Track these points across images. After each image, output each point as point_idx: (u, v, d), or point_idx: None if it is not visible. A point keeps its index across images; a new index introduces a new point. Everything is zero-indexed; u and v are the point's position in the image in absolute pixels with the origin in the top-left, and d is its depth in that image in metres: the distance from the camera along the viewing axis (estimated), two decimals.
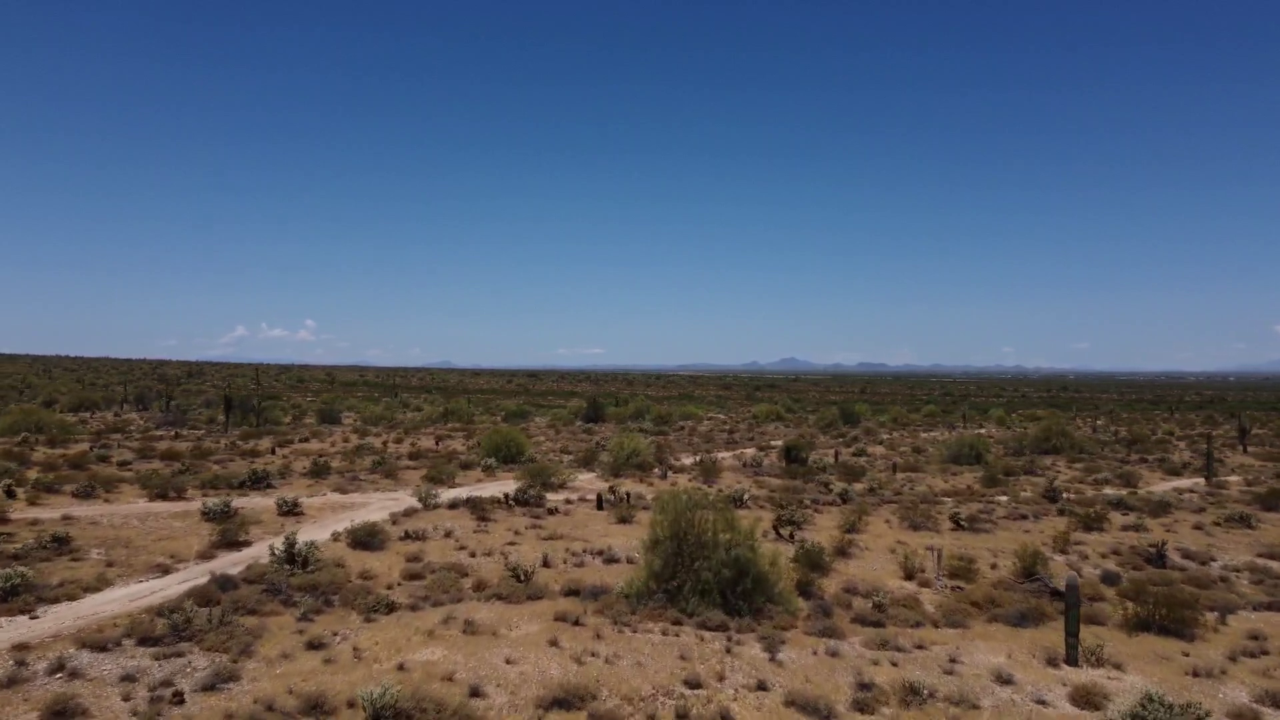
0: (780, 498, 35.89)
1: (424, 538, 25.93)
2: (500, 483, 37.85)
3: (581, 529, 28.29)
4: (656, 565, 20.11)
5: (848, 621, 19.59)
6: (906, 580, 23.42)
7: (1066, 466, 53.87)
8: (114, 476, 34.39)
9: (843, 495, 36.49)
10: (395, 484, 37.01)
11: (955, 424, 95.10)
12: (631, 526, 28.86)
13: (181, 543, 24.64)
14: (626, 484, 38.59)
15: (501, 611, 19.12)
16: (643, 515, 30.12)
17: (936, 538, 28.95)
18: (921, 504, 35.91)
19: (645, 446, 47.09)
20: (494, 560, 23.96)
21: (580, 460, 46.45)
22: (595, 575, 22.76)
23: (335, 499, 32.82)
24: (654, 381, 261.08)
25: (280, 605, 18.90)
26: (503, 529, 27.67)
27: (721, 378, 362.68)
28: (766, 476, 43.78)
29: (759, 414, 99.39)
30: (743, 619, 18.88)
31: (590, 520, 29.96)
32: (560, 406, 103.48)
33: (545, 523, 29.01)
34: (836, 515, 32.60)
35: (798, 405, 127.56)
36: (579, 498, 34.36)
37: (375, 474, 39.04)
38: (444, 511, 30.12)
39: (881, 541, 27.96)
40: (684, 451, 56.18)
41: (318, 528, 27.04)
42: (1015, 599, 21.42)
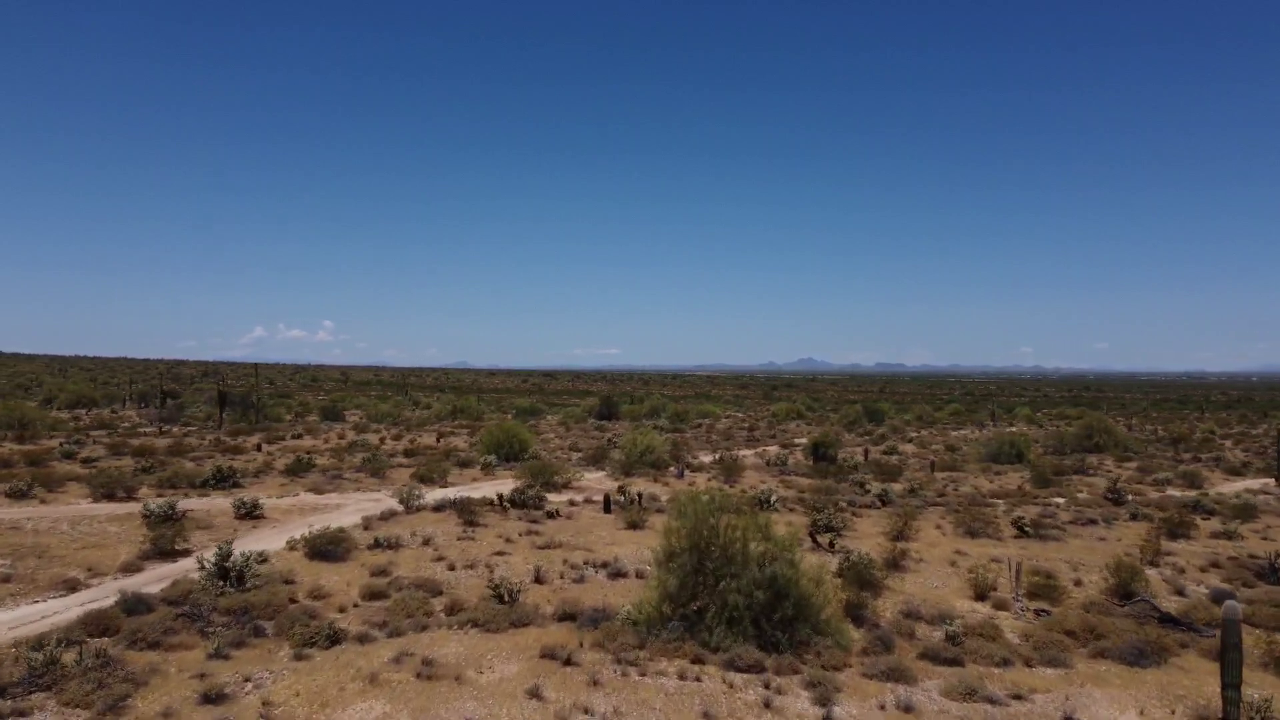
0: (812, 500, 31.46)
1: (398, 546, 21.72)
2: (499, 482, 33.64)
3: (584, 536, 24.01)
4: (672, 585, 15.78)
5: (914, 658, 15.21)
6: (977, 601, 18.97)
7: (1116, 466, 49.08)
8: (65, 474, 30.47)
9: (881, 497, 32.03)
10: (381, 483, 32.87)
11: (984, 422, 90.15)
12: (643, 533, 24.56)
13: (107, 552, 20.54)
14: (639, 484, 34.30)
15: (474, 644, 14.86)
16: (656, 520, 25.83)
17: (999, 547, 24.46)
18: (971, 506, 31.44)
19: (660, 443, 42.77)
20: (476, 574, 19.72)
21: (589, 458, 42.19)
22: (597, 594, 18.49)
23: (308, 500, 28.70)
24: (670, 381, 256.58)
25: (197, 635, 14.76)
26: (492, 536, 23.42)
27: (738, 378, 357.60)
28: (793, 476, 39.34)
29: (778, 412, 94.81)
30: (782, 656, 14.54)
31: (595, 525, 25.67)
32: (574, 405, 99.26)
33: (543, 528, 24.75)
34: (878, 520, 28.16)
35: (817, 404, 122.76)
36: (584, 499, 30.09)
37: (361, 472, 34.93)
38: (427, 515, 25.92)
39: (937, 552, 23.49)
40: (702, 449, 51.80)
41: (276, 534, 22.90)
42: (1121, 627, 16.93)
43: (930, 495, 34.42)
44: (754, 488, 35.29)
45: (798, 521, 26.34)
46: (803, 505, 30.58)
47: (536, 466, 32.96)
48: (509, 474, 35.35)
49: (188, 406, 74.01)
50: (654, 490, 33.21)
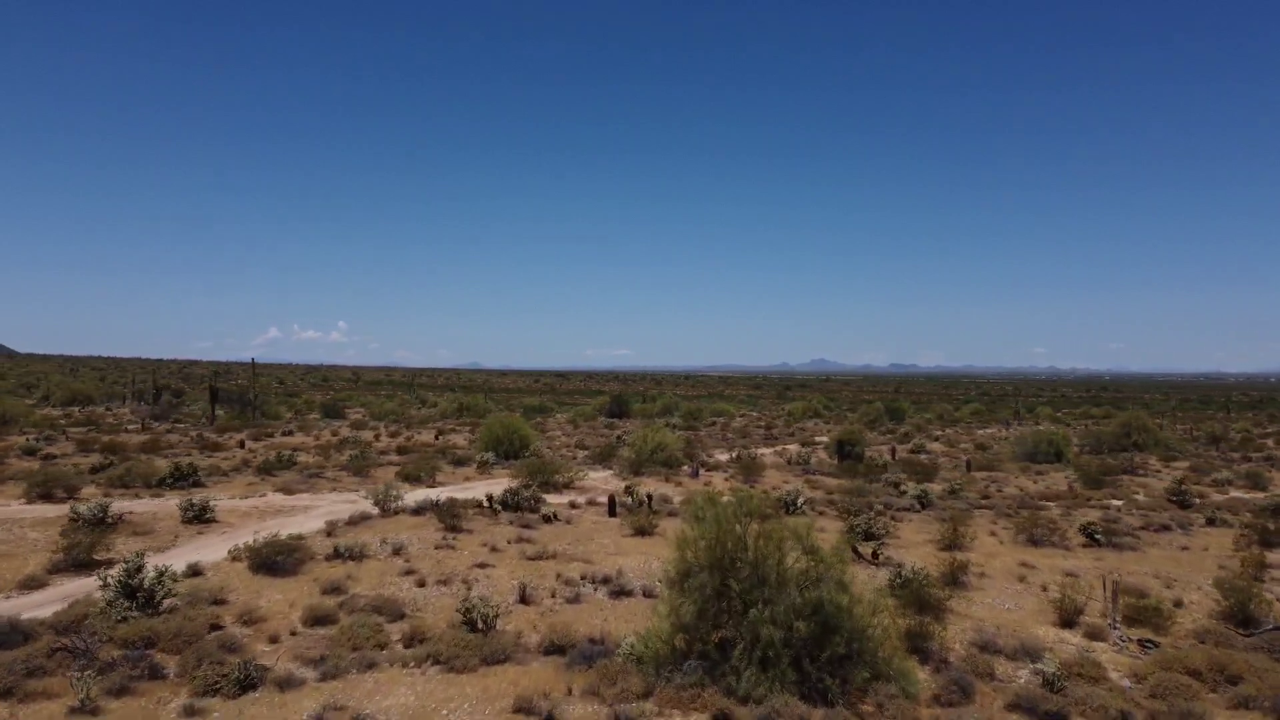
0: (844, 502, 27.75)
1: (361, 557, 18.18)
2: (495, 482, 30.10)
3: (584, 544, 20.41)
4: (688, 612, 12.16)
5: (1002, 708, 11.58)
6: (1063, 628, 15.26)
7: (1163, 465, 45.07)
8: (11, 472, 27.07)
9: (921, 499, 28.28)
10: (363, 482, 29.39)
11: (1008, 421, 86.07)
12: (652, 541, 20.96)
13: (13, 563, 17.12)
14: (649, 484, 30.69)
15: (431, 690, 11.31)
16: (668, 525, 22.24)
17: (1070, 557, 20.71)
18: (1020, 509, 27.69)
19: (673, 440, 39.13)
20: (450, 592, 16.16)
21: (596, 456, 38.60)
22: (595, 618, 14.91)
23: (275, 501, 25.24)
24: (683, 381, 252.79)
25: (76, 675, 11.24)
26: (476, 544, 19.84)
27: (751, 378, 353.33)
28: (819, 475, 35.62)
29: (795, 411, 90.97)
30: (833, 709, 10.92)
31: (598, 531, 22.07)
32: (584, 405, 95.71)
33: (537, 534, 21.18)
34: (922, 525, 24.47)
35: (833, 404, 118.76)
36: (587, 501, 26.51)
37: (344, 471, 31.46)
38: (404, 519, 22.38)
39: (998, 564, 19.76)
40: (717, 447, 48.10)
41: (224, 541, 19.40)
42: (1258, 665, 13.20)
43: (973, 497, 30.65)
44: (777, 488, 31.62)
45: (830, 528, 22.68)
46: (834, 508, 26.91)
47: (534, 464, 29.39)
48: (507, 473, 31.78)
49: (187, 404, 70.94)
50: (666, 490, 29.60)
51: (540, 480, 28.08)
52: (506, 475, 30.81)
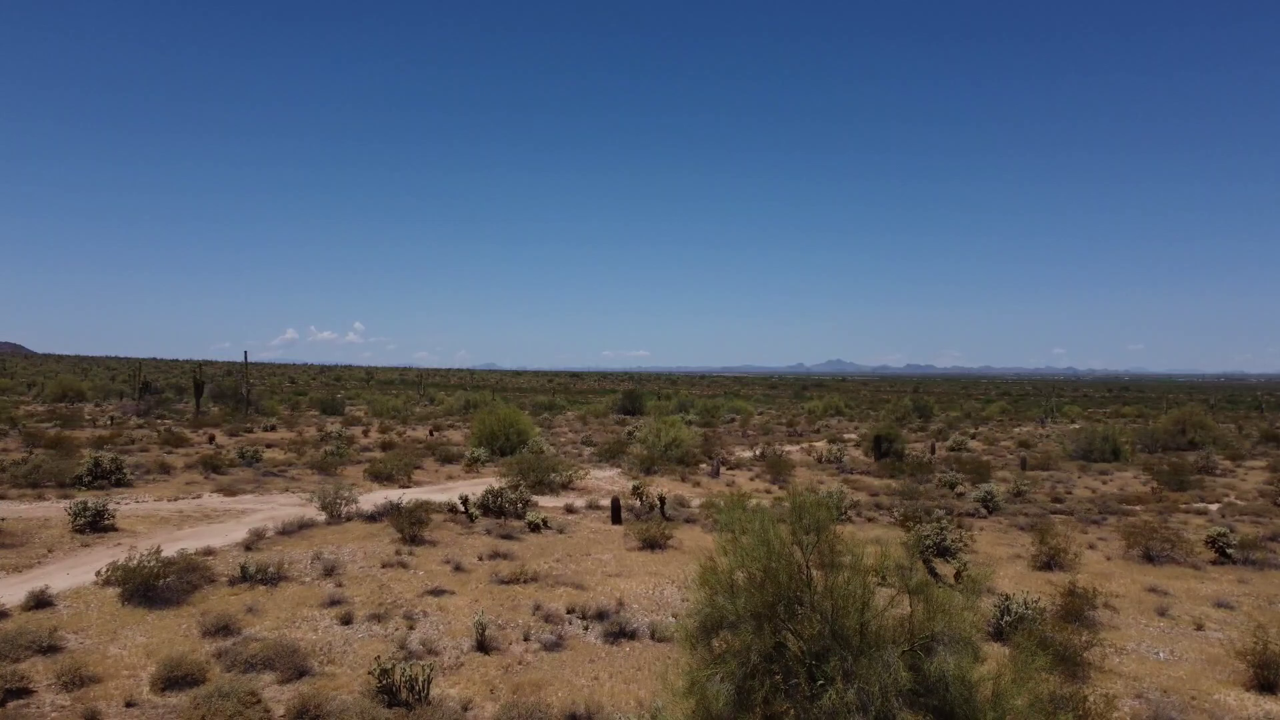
0: (896, 506, 22.93)
1: (279, 579, 13.54)
2: (482, 481, 25.45)
3: (577, 561, 15.71)
4: (722, 696, 7.37)
5: None
6: (1262, 692, 10.38)
7: (1235, 466, 39.87)
8: None
9: (986, 502, 23.41)
10: (327, 481, 24.77)
11: (1042, 418, 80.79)
12: (664, 556, 16.26)
13: None
14: (662, 484, 26.00)
15: None
16: (685, 535, 17.57)
17: (1206, 580, 15.80)
18: (1103, 513, 22.82)
19: (689, 436, 34.39)
20: (384, 633, 11.50)
21: (603, 453, 33.86)
22: (580, 675, 10.22)
23: (208, 504, 20.68)
24: (698, 381, 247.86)
25: None
26: (436, 561, 15.17)
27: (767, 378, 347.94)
28: (857, 475, 30.76)
29: (815, 408, 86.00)
30: None
31: (596, 543, 17.37)
32: (596, 402, 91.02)
33: (519, 547, 16.51)
34: (1000, 536, 19.63)
35: (854, 402, 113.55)
36: (587, 504, 21.81)
37: (311, 468, 26.87)
38: (355, 527, 17.75)
39: (1119, 588, 14.89)
40: (738, 445, 43.28)
41: (111, 556, 14.76)
42: None
43: (1043, 500, 25.74)
44: (812, 489, 26.79)
45: (888, 537, 17.84)
46: (885, 513, 22.12)
47: (526, 460, 24.67)
48: (499, 471, 27.11)
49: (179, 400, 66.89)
50: (681, 491, 24.87)
51: (533, 480, 23.43)
52: (497, 474, 26.13)
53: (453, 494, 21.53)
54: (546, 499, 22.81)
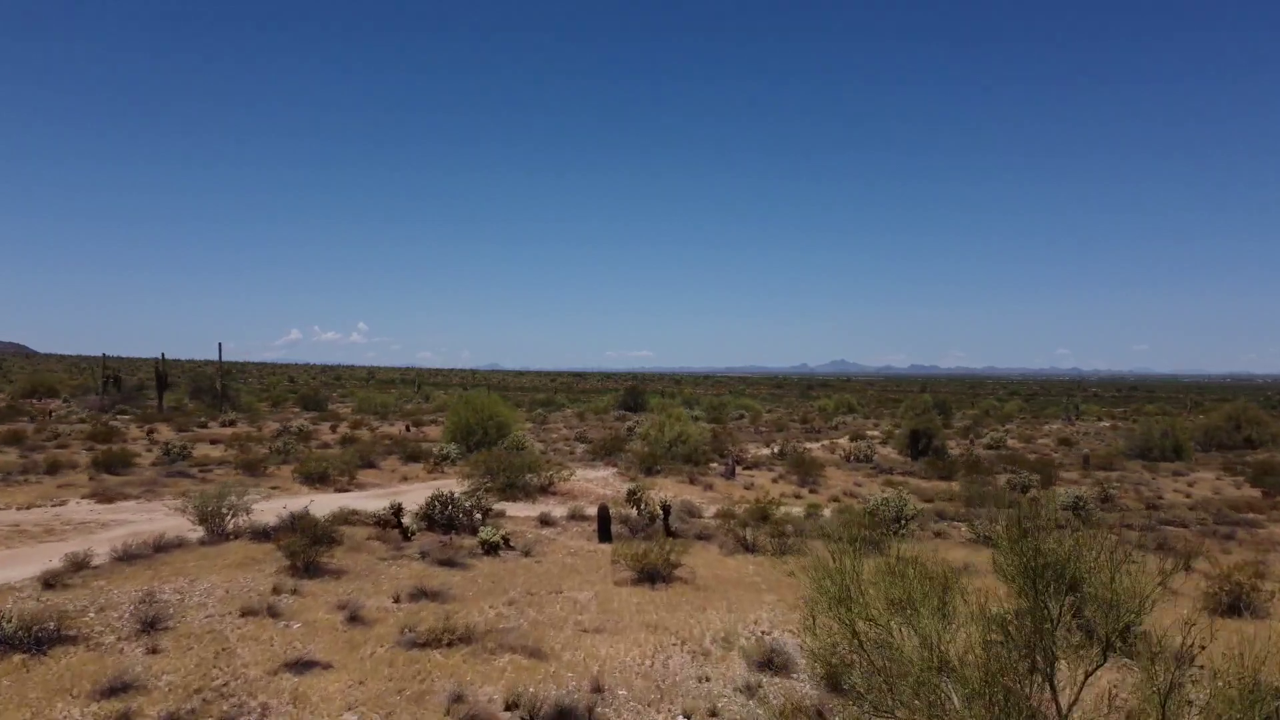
0: (966, 515, 17.72)
1: (57, 640, 8.34)
2: (447, 482, 20.27)
3: (539, 604, 10.51)
4: None
5: None
6: None
7: None
8: None
9: (1077, 509, 18.18)
10: (256, 482, 19.64)
11: (1069, 417, 75.46)
12: (667, 595, 11.06)
13: None
14: (666, 486, 20.85)
15: None
16: (696, 560, 12.41)
17: None
18: (1219, 523, 17.60)
19: (697, 432, 29.16)
20: None
21: (598, 449, 28.62)
22: None
23: (72, 513, 15.57)
24: (702, 381, 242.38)
25: None
26: (327, 605, 9.98)
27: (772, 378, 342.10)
28: (897, 475, 25.53)
29: (827, 406, 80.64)
30: None
31: (572, 572, 12.18)
32: (597, 401, 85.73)
33: (462, 580, 11.34)
34: None
35: (865, 401, 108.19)
36: (569, 513, 16.61)
37: (237, 469, 21.67)
38: (235, 549, 12.57)
39: None
40: (751, 442, 38.06)
41: None
42: None
43: (1138, 508, 20.51)
44: (851, 493, 21.61)
45: (979, 561, 12.65)
46: (951, 524, 16.93)
47: (497, 458, 19.40)
48: (464, 470, 21.87)
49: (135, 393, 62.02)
50: (689, 495, 19.72)
51: (503, 481, 18.27)
52: (460, 474, 20.87)
53: (405, 498, 16.35)
54: (519, 506, 17.64)
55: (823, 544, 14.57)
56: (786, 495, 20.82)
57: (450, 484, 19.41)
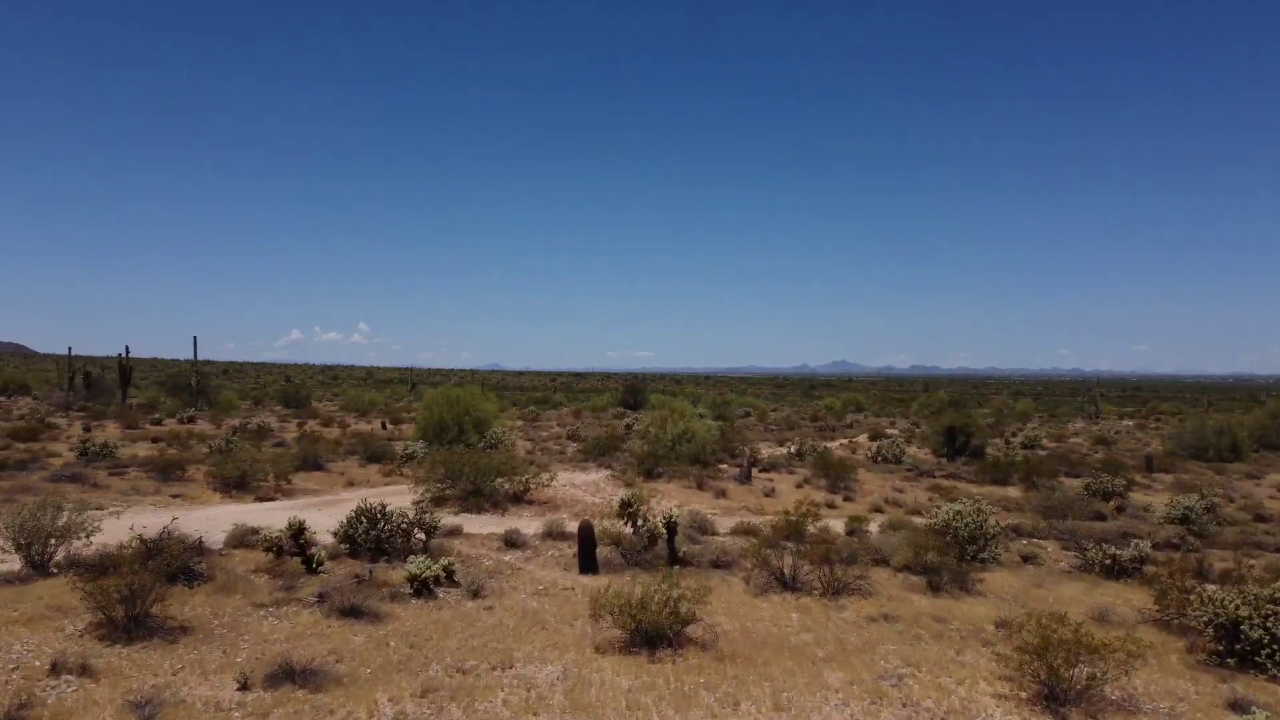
0: (1043, 530, 13.77)
1: None
2: (398, 488, 16.30)
3: (469, 700, 6.48)
4: None
5: None
6: None
7: None
8: None
9: (1190, 522, 14.25)
10: (160, 488, 15.70)
11: (1091, 415, 71.46)
12: (676, 674, 7.03)
13: None
14: (669, 491, 16.92)
15: None
16: (718, 603, 8.39)
17: None
18: None
19: (704, 430, 25.14)
20: None
21: (591, 449, 24.65)
22: None
23: None
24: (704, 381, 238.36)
25: None
26: (113, 709, 5.92)
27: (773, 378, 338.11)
28: (940, 478, 21.56)
29: (834, 405, 76.62)
30: None
31: (532, 628, 8.23)
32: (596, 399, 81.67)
33: (365, 642, 7.43)
34: None
35: (873, 400, 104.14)
36: (544, 530, 12.63)
37: (149, 471, 17.68)
38: (49, 588, 8.62)
39: None
40: (763, 441, 34.13)
41: None
42: None
43: (1243, 519, 16.54)
44: (894, 500, 17.65)
45: (1110, 602, 8.72)
46: (1035, 542, 12.99)
47: (459, 458, 15.34)
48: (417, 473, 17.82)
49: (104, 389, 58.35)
50: (698, 505, 15.79)
51: (466, 488, 14.33)
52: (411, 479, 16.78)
53: (342, 510, 12.43)
54: (485, 520, 13.72)
55: (889, 574, 10.71)
56: (817, 503, 16.87)
57: (413, 490, 15.46)
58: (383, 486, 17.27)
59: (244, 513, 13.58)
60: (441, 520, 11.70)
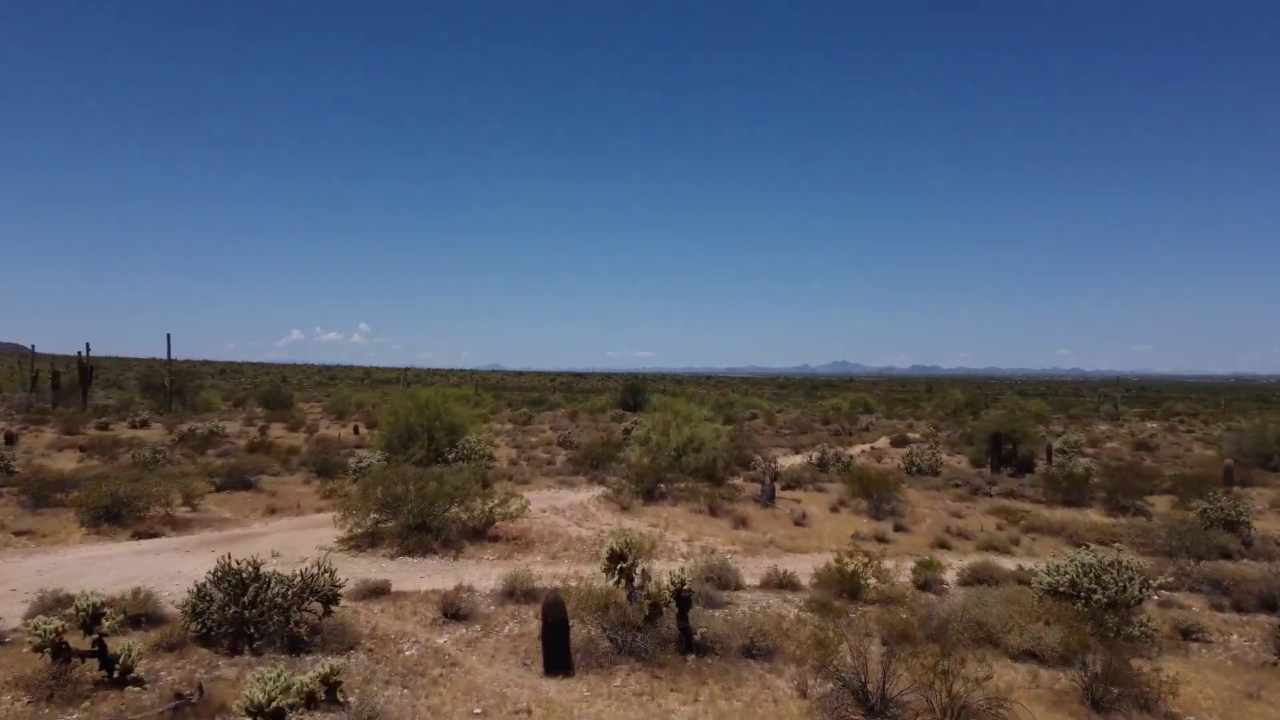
0: (1177, 575, 10.06)
1: None
2: (316, 524, 12.57)
3: None
4: None
5: None
6: None
7: None
8: None
9: None
10: (19, 519, 12.03)
11: (1113, 417, 67.84)
12: None
13: None
14: (674, 518, 13.29)
15: None
16: None
17: None
18: None
19: (713, 436, 21.45)
20: None
21: (582, 460, 20.92)
22: None
23: None
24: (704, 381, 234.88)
25: None
26: None
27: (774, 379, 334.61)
28: (998, 495, 17.87)
29: (841, 405, 72.89)
30: None
31: None
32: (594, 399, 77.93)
33: None
34: None
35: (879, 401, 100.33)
36: (506, 588, 8.95)
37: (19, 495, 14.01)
38: None
39: None
40: (776, 447, 30.52)
41: None
42: None
43: None
44: (958, 530, 13.93)
45: None
46: (1176, 589, 9.31)
47: (399, 477, 11.52)
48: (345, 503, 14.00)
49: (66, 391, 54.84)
50: (714, 538, 12.18)
51: (411, 519, 10.69)
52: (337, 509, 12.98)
53: (244, 550, 8.78)
54: (428, 567, 10.09)
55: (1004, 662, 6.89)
56: (863, 534, 13.21)
57: (339, 524, 11.77)
58: (314, 514, 13.58)
59: (103, 558, 9.96)
60: (346, 583, 8.05)
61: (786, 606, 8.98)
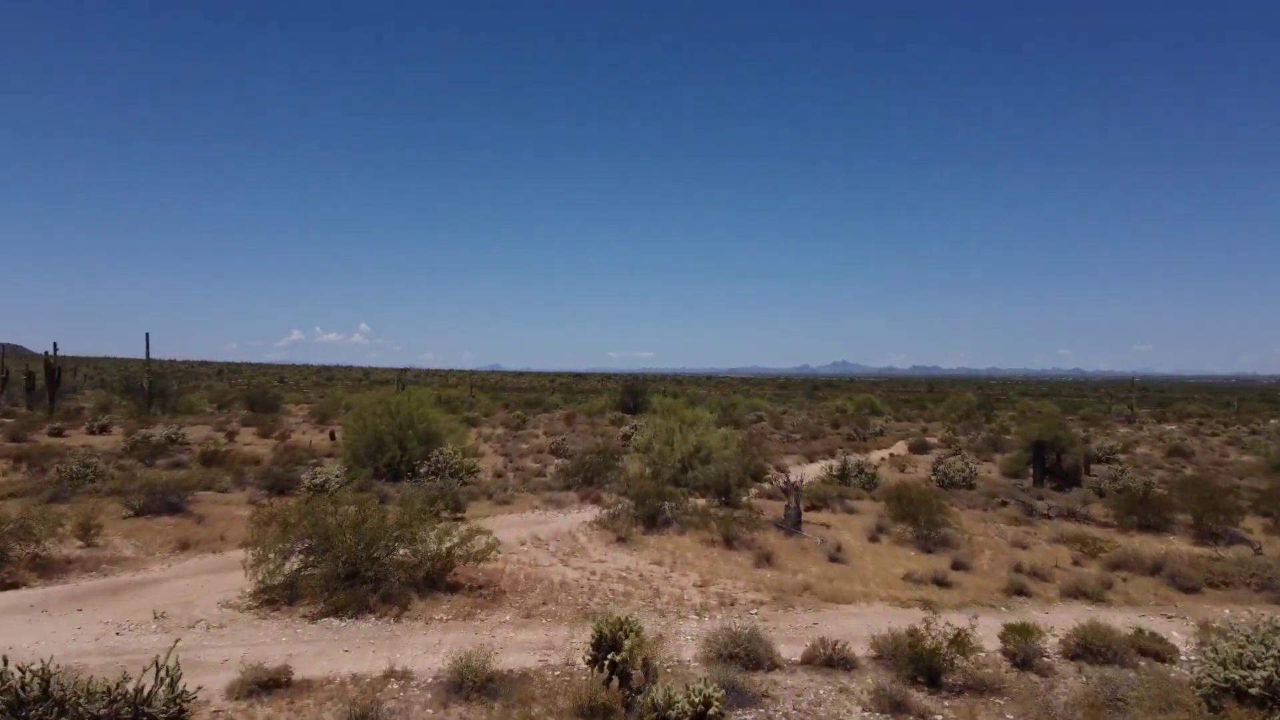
0: None
1: None
2: None
3: None
4: None
5: None
6: None
7: None
8: None
9: None
10: None
11: (1129, 418, 65.27)
12: None
13: None
14: (682, 552, 10.68)
15: None
16: None
17: None
18: None
19: (720, 442, 18.87)
20: None
21: (574, 474, 18.25)
22: None
23: None
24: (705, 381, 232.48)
25: None
26: None
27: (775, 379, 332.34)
28: (1066, 520, 15.25)
29: (846, 407, 70.34)
30: None
31: None
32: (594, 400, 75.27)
33: None
34: None
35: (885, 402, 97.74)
36: (454, 675, 6.35)
37: None
38: None
39: None
40: (787, 454, 27.95)
41: None
42: None
43: None
44: (1029, 568, 11.23)
45: None
46: None
47: (321, 517, 8.87)
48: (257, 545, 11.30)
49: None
50: (730, 579, 9.57)
51: (340, 569, 8.08)
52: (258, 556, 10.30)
53: (126, 606, 6.18)
54: (357, 634, 7.50)
55: None
56: (916, 574, 10.59)
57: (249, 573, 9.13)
58: (237, 550, 10.95)
59: None
60: (230, 665, 5.44)
61: (844, 701, 6.39)
